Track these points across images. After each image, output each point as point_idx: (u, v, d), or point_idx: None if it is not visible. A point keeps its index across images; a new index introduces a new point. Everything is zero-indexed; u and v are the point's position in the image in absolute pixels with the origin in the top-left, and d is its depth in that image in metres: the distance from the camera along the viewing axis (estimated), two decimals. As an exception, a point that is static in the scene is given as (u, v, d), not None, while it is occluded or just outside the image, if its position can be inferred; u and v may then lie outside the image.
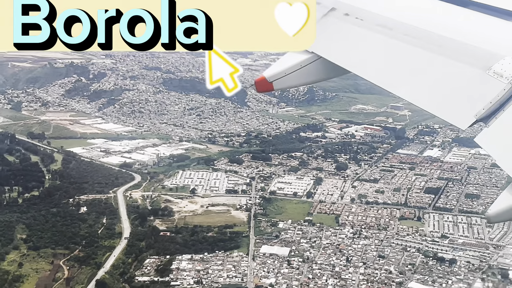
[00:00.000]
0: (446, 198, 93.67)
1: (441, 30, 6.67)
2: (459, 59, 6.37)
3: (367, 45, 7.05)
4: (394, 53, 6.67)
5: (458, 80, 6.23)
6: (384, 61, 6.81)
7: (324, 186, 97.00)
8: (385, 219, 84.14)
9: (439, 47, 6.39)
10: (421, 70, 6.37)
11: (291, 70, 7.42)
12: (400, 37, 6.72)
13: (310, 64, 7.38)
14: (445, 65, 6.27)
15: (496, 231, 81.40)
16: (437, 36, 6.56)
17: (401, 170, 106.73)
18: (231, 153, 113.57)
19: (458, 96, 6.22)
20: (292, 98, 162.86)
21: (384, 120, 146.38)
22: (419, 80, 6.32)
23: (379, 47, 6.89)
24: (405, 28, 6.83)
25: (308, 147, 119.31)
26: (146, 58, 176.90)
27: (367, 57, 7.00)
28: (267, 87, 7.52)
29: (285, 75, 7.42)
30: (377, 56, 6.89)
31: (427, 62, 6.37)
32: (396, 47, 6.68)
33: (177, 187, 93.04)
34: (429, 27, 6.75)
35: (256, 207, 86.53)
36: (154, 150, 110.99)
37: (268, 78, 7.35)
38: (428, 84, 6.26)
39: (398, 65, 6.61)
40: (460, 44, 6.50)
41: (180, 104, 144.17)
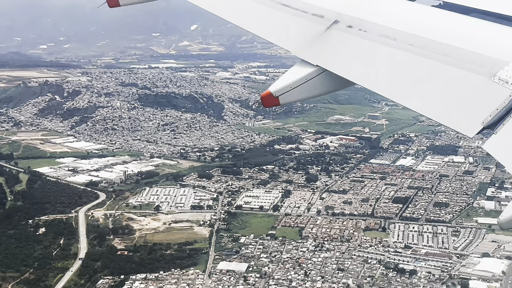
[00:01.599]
0: (414, 207, 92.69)
1: (445, 39, 6.70)
2: (464, 67, 6.38)
3: (372, 56, 7.06)
4: (399, 63, 6.69)
5: (463, 88, 6.24)
6: (390, 72, 6.79)
7: (292, 199, 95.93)
8: (350, 230, 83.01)
9: (444, 56, 6.41)
10: (427, 79, 6.35)
11: (297, 84, 7.26)
12: (404, 47, 6.72)
13: (316, 77, 7.28)
14: (450, 74, 6.29)
15: (461, 239, 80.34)
16: (441, 44, 6.58)
17: (371, 180, 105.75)
18: (202, 168, 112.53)
19: (464, 104, 6.17)
20: (269, 110, 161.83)
21: (360, 130, 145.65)
22: (425, 89, 6.30)
23: (384, 58, 6.91)
24: (409, 38, 6.82)
25: (281, 159, 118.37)
26: (124, 74, 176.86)
27: (372, 68, 7.00)
28: (274, 102, 7.34)
29: (291, 89, 7.25)
30: (382, 67, 6.88)
31: (432, 71, 6.36)
32: (401, 57, 6.70)
33: (142, 204, 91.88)
34: (433, 36, 6.75)
35: (220, 223, 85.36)
36: (123, 167, 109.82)
37: (274, 93, 7.23)
38: (434, 93, 6.23)
39: (403, 75, 6.60)
40: (465, 52, 6.51)
41: (155, 120, 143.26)
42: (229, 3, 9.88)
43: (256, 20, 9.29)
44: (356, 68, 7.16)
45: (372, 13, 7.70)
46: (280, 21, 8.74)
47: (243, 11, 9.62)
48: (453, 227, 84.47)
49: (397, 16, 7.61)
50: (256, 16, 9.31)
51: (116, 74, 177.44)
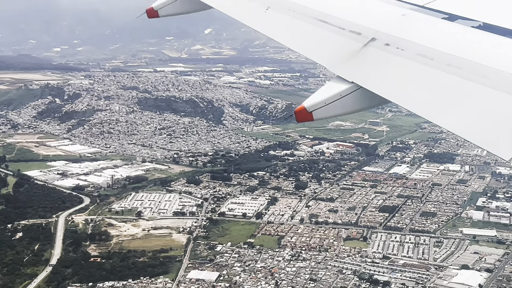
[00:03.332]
0: (400, 216, 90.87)
1: (484, 60, 6.63)
2: (502, 89, 6.29)
3: (408, 75, 7.05)
4: (436, 83, 6.65)
5: (500, 110, 6.13)
6: (426, 91, 6.74)
7: (277, 206, 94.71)
8: (330, 240, 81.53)
9: (482, 77, 6.34)
10: (463, 100, 6.30)
11: (331, 100, 7.29)
12: (442, 67, 6.71)
13: (351, 94, 7.27)
14: (487, 95, 6.22)
15: (443, 251, 78.46)
16: (480, 66, 6.51)
17: (362, 188, 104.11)
18: (193, 173, 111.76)
19: (501, 126, 6.05)
20: (269, 115, 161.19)
21: (359, 137, 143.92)
22: (461, 110, 6.25)
23: (420, 77, 6.88)
24: (447, 58, 6.79)
25: (273, 166, 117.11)
26: (126, 77, 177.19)
27: (408, 87, 6.98)
28: (307, 117, 7.42)
29: (325, 105, 7.29)
30: (418, 86, 6.86)
31: (469, 92, 6.29)
32: (438, 77, 6.67)
33: (125, 210, 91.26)
34: (471, 57, 6.67)
35: (200, 230, 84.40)
36: (112, 171, 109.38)
37: (308, 108, 7.30)
38: (471, 115, 6.17)
39: (439, 95, 6.54)
40: (503, 74, 6.45)
41: (152, 124, 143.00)
42: (267, 19, 9.83)
43: (294, 36, 9.33)
44: (392, 86, 7.13)
45: (410, 32, 7.68)
46: (317, 37, 8.76)
47: (281, 27, 9.65)
48: (436, 237, 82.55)
49: (435, 35, 7.56)
50: (293, 31, 9.35)
51: (119, 77, 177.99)
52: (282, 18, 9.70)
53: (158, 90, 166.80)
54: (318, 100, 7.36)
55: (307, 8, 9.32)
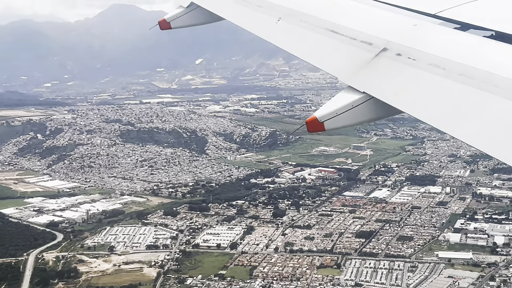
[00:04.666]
0: (377, 241, 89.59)
1: (497, 70, 6.59)
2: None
3: (420, 85, 7.05)
4: (449, 93, 6.64)
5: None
6: (438, 102, 6.74)
7: (253, 236, 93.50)
8: (303, 268, 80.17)
9: (495, 87, 6.31)
10: (476, 110, 6.27)
11: (343, 110, 7.24)
12: (454, 77, 6.68)
13: (362, 104, 7.28)
14: (501, 105, 6.16)
15: (417, 275, 77.10)
16: (493, 75, 6.47)
17: (340, 213, 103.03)
18: (171, 204, 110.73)
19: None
20: (253, 143, 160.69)
21: (343, 162, 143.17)
22: (474, 120, 6.21)
23: (433, 87, 6.87)
24: (460, 67, 6.76)
25: (253, 194, 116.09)
26: (111, 110, 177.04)
27: (420, 97, 6.98)
28: (318, 127, 7.31)
29: (337, 115, 7.22)
30: (431, 96, 6.86)
31: (482, 102, 6.26)
32: (451, 87, 6.66)
33: (97, 245, 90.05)
34: (484, 67, 6.64)
35: (172, 263, 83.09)
36: (90, 206, 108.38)
37: (319, 118, 7.20)
38: (483, 124, 6.12)
39: (452, 105, 6.54)
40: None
41: (134, 156, 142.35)
42: (279, 30, 9.93)
43: (305, 46, 9.37)
44: (404, 96, 7.13)
45: (421, 42, 7.66)
46: (329, 47, 8.75)
47: (292, 37, 9.72)
48: (411, 262, 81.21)
49: (447, 45, 7.54)
50: (304, 42, 9.40)
51: (103, 110, 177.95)
52: (294, 29, 9.79)
53: (142, 122, 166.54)
54: (330, 110, 7.22)
55: (318, 19, 9.40)
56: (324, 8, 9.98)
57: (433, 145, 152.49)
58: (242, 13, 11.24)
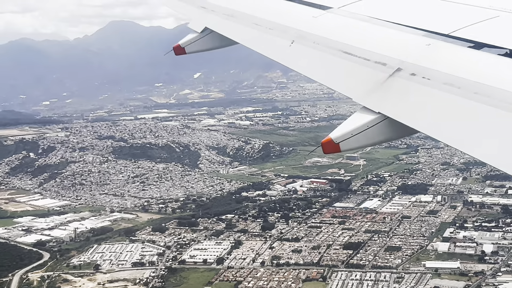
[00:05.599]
0: (365, 253, 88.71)
1: None
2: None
3: (436, 104, 7.05)
4: (464, 112, 6.63)
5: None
6: (454, 120, 6.74)
7: (240, 250, 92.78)
8: (289, 282, 79.35)
9: (511, 105, 6.29)
10: (492, 128, 6.23)
11: (358, 131, 7.27)
12: (469, 96, 6.67)
13: (378, 125, 7.27)
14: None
15: (403, 286, 76.22)
16: (508, 93, 6.45)
17: (329, 225, 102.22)
18: (160, 220, 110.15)
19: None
20: (246, 156, 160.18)
21: (335, 172, 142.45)
22: (490, 138, 6.16)
23: (449, 106, 6.87)
24: (475, 86, 6.75)
25: (244, 207, 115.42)
26: (104, 127, 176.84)
27: (436, 116, 6.97)
28: (334, 149, 7.37)
29: (352, 136, 7.26)
30: (447, 115, 6.85)
31: (498, 120, 6.21)
32: (466, 106, 6.64)
33: (83, 264, 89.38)
34: (499, 85, 6.64)
35: (157, 280, 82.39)
36: (79, 224, 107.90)
37: (335, 139, 7.28)
38: (500, 143, 6.04)
39: (468, 123, 6.52)
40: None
41: (125, 172, 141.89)
42: (292, 53, 9.95)
43: (319, 68, 9.46)
44: (419, 115, 7.15)
45: (435, 61, 7.66)
46: (342, 69, 8.79)
47: (306, 60, 9.78)
48: (397, 273, 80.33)
49: (462, 64, 7.51)
50: (318, 64, 9.48)
51: (96, 127, 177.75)
52: (307, 51, 9.84)
53: (135, 137, 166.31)
54: (345, 131, 7.25)
55: (332, 41, 9.43)
56: (336, 30, 10.02)
57: (427, 153, 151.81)
58: (255, 36, 11.32)
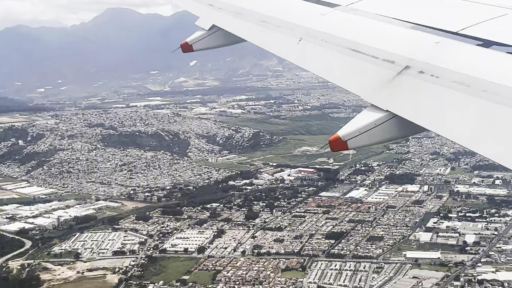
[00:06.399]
0: (346, 242, 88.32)
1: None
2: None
3: (444, 102, 7.00)
4: (473, 110, 6.56)
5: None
6: (462, 118, 6.69)
7: (222, 239, 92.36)
8: (268, 271, 78.97)
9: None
10: (502, 127, 6.16)
11: (366, 129, 7.25)
12: (478, 94, 6.64)
13: (386, 123, 7.27)
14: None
15: (382, 276, 75.85)
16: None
17: (314, 214, 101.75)
18: (145, 209, 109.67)
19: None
20: (236, 145, 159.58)
21: (324, 161, 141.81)
22: (500, 136, 6.11)
23: (457, 104, 6.84)
24: (483, 84, 6.70)
25: (230, 196, 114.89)
26: (95, 115, 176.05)
27: (444, 114, 6.92)
28: (342, 146, 7.30)
29: (360, 134, 7.26)
30: (455, 113, 6.82)
31: (508, 119, 6.13)
32: (475, 104, 6.60)
33: (64, 252, 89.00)
34: (508, 83, 6.58)
35: (136, 269, 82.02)
36: (63, 212, 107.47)
37: (343, 137, 7.26)
38: (510, 141, 5.94)
39: (477, 121, 6.46)
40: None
41: (113, 161, 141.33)
42: (300, 50, 9.87)
43: (327, 66, 9.33)
44: (428, 113, 7.13)
45: (444, 59, 7.59)
46: (351, 66, 8.74)
47: (314, 57, 9.67)
48: (377, 263, 79.96)
49: (470, 62, 7.47)
50: (326, 62, 9.37)
51: (87, 115, 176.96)
52: (315, 49, 9.76)
53: (124, 125, 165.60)
54: (353, 129, 7.26)
55: (340, 38, 9.35)
56: (344, 27, 9.97)
57: (417, 142, 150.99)
58: (263, 34, 11.29)
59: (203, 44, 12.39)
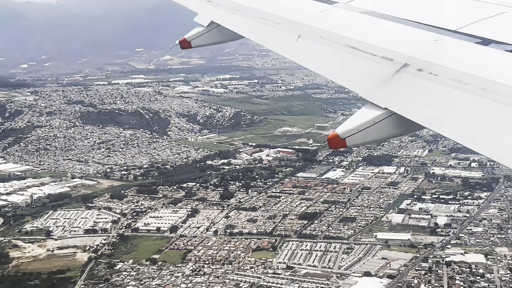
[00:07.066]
0: (319, 223, 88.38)
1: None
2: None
3: (443, 100, 6.98)
4: (471, 108, 6.49)
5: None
6: (461, 116, 6.62)
7: (196, 219, 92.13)
8: (238, 251, 78.90)
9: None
10: (500, 125, 6.06)
11: (364, 127, 7.14)
12: (476, 92, 6.56)
13: (384, 120, 7.21)
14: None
15: (351, 257, 76.01)
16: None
17: (289, 195, 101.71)
18: (121, 187, 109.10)
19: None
20: (216, 124, 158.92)
21: (304, 142, 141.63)
22: (498, 135, 6.01)
23: (455, 102, 6.77)
24: (482, 82, 6.64)
25: (207, 176, 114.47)
26: (75, 92, 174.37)
27: (442, 112, 6.89)
28: (340, 144, 7.22)
29: (358, 132, 7.13)
30: (453, 111, 6.75)
31: (506, 117, 6.05)
32: (473, 102, 6.52)
33: (36, 229, 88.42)
34: (506, 81, 6.52)
35: (107, 248, 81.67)
36: (37, 189, 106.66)
37: (341, 134, 7.08)
38: (508, 139, 5.89)
39: (475, 119, 6.38)
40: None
41: (92, 138, 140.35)
42: (299, 47, 9.92)
43: (325, 63, 9.41)
44: (426, 111, 7.15)
45: (443, 57, 7.62)
46: (349, 64, 8.78)
47: (312, 54, 9.75)
48: (347, 243, 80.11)
49: (469, 60, 7.50)
50: (325, 59, 9.42)
51: (67, 92, 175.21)
52: (314, 46, 9.82)
53: (104, 103, 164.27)
54: (351, 126, 7.23)
55: (339, 36, 9.39)
56: (343, 25, 10.01)
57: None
58: (262, 31, 11.34)
59: (201, 40, 12.43)
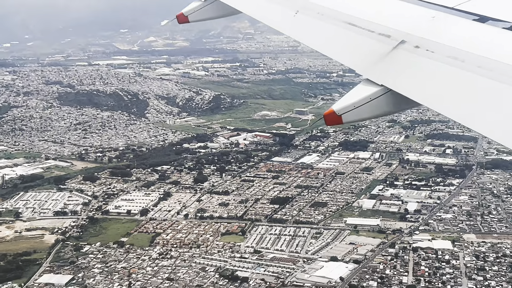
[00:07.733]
0: (290, 208, 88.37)
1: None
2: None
3: (439, 77, 6.92)
4: (467, 86, 6.50)
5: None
6: (456, 94, 6.59)
7: (168, 202, 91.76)
8: (207, 235, 78.77)
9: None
10: (495, 102, 6.13)
11: (361, 103, 7.09)
12: (473, 69, 6.56)
13: (380, 97, 7.13)
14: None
15: (319, 242, 76.11)
16: (511, 67, 6.32)
17: (263, 179, 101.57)
18: (95, 169, 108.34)
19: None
20: (195, 107, 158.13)
21: (282, 126, 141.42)
22: (492, 112, 6.08)
23: (452, 80, 6.73)
24: (478, 59, 6.64)
25: (182, 159, 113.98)
26: (54, 72, 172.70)
27: (439, 89, 6.81)
28: (336, 121, 7.23)
29: (354, 108, 7.06)
30: (449, 88, 6.71)
31: (501, 94, 6.09)
32: (469, 80, 6.52)
33: (5, 211, 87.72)
34: (502, 59, 6.51)
35: (75, 230, 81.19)
36: (10, 170, 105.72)
37: (337, 111, 7.02)
38: (502, 116, 5.94)
39: (470, 97, 6.41)
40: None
41: (68, 119, 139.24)
42: (296, 23, 9.84)
43: (323, 39, 9.32)
44: (422, 88, 7.06)
45: (440, 34, 7.58)
46: (347, 40, 8.72)
47: (310, 31, 9.61)
48: (317, 228, 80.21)
49: (466, 37, 7.47)
50: (322, 35, 9.33)
51: (46, 72, 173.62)
52: (311, 22, 9.73)
53: (83, 84, 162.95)
54: (347, 103, 7.20)
55: (336, 12, 9.30)
56: (341, 1, 9.99)
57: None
58: (259, 6, 11.34)
59: (199, 15, 12.44)
